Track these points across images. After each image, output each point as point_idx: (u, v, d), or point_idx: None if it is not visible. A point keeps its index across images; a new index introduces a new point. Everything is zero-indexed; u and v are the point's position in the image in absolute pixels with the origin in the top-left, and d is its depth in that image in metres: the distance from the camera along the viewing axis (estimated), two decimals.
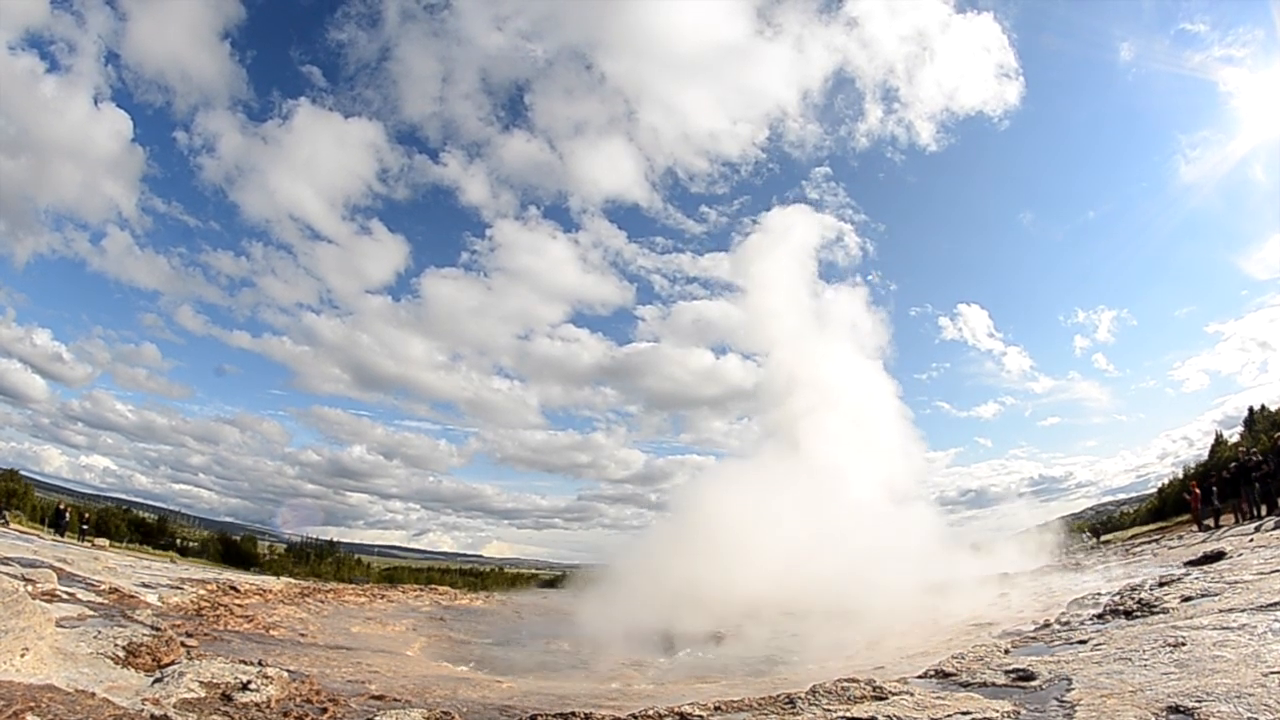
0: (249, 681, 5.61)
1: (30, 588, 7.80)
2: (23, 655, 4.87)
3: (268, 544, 48.18)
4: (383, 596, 20.37)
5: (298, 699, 5.50)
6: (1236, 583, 6.97)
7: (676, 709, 5.52)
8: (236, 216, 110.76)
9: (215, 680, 5.53)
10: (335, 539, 45.35)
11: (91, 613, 8.08)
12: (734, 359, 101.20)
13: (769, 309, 38.76)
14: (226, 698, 5.19)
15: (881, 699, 5.27)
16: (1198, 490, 20.25)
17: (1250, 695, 3.57)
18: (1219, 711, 3.44)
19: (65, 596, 8.72)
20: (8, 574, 8.41)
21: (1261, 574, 7.12)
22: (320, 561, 37.95)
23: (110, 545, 26.30)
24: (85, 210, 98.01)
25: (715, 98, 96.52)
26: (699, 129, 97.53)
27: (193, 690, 5.20)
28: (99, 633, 6.61)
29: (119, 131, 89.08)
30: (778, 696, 5.68)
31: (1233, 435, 35.50)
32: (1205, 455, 34.59)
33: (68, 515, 29.15)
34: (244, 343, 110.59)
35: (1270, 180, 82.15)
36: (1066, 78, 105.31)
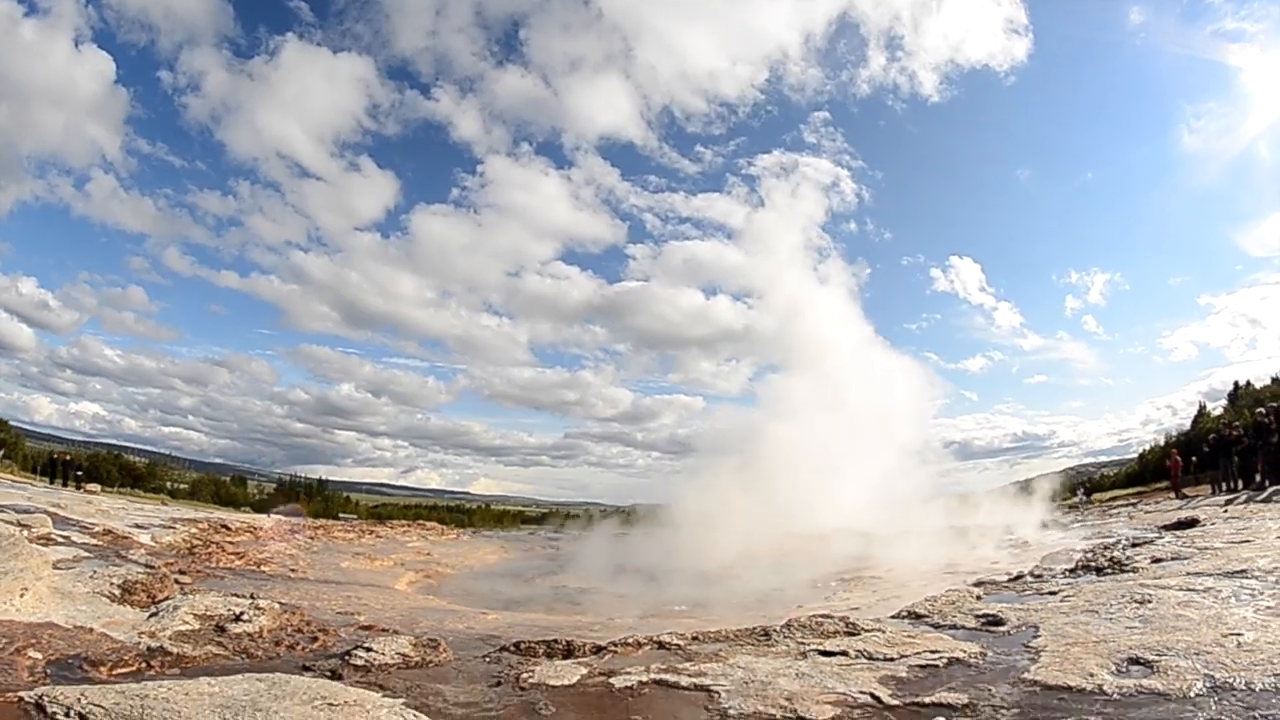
0: (242, 613, 5.85)
1: (26, 532, 8.01)
2: (22, 595, 5.05)
3: (257, 484, 48.70)
4: (371, 532, 20.78)
5: (289, 629, 5.78)
6: (1206, 549, 7.19)
7: (655, 638, 5.76)
8: (223, 156, 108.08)
9: (209, 613, 5.74)
10: (324, 477, 45.95)
11: (87, 554, 8.30)
12: (724, 300, 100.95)
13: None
14: (220, 629, 5.44)
15: (854, 634, 5.51)
16: (1179, 459, 20.67)
17: (1209, 653, 3.75)
18: (1177, 666, 3.62)
19: (60, 540, 8.94)
20: (3, 520, 8.59)
21: (1231, 543, 7.34)
22: (309, 500, 38.40)
23: (102, 491, 26.53)
24: (68, 155, 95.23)
25: (715, 37, 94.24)
26: (697, 68, 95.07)
27: (187, 623, 5.41)
28: (95, 572, 6.82)
29: (101, 73, 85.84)
30: (754, 629, 5.92)
31: (1216, 408, 36.05)
32: (1188, 425, 35.13)
33: (60, 463, 29.36)
34: (232, 283, 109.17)
35: (1275, 158, 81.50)
36: (1075, 37, 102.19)
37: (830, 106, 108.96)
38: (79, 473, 28.91)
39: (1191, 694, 3.27)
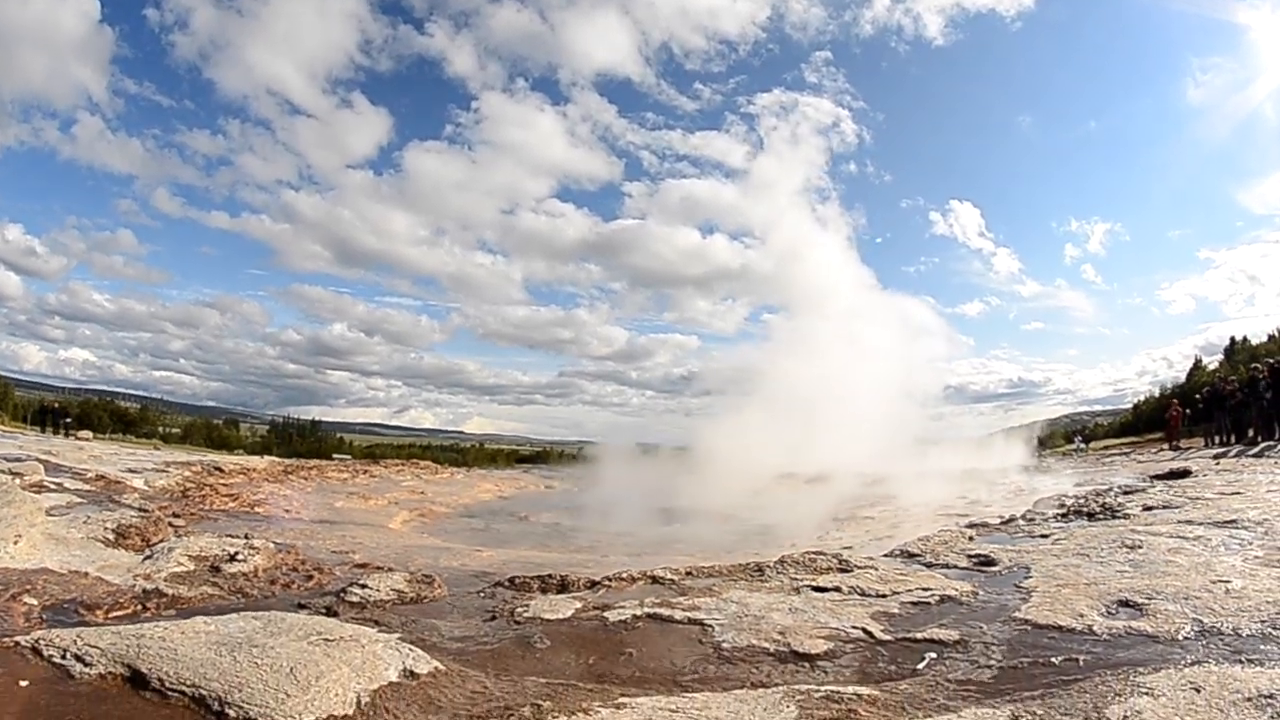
0: (236, 553, 5.87)
1: (18, 480, 8.01)
2: (15, 542, 5.05)
3: (250, 426, 48.80)
4: (365, 472, 20.89)
5: (284, 568, 5.83)
6: (1198, 499, 7.27)
7: (649, 573, 5.84)
8: (212, 94, 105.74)
9: (203, 554, 5.78)
10: (317, 418, 45.96)
11: (80, 500, 8.32)
12: (721, 239, 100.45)
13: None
14: (215, 569, 5.47)
15: (847, 571, 5.61)
16: (1178, 411, 20.77)
17: (1197, 598, 3.82)
18: (1166, 609, 3.69)
19: (53, 486, 8.95)
20: None
21: (1222, 493, 7.42)
22: (302, 441, 38.55)
23: (94, 437, 26.51)
24: (53, 97, 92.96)
25: None
26: (698, 4, 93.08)
27: (182, 564, 5.44)
28: (89, 518, 6.83)
29: (86, 13, 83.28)
30: (748, 565, 6.01)
31: (1212, 362, 36.15)
32: (1183, 378, 35.27)
33: (50, 412, 29.27)
34: (222, 223, 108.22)
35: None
36: None
37: (832, 46, 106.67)
38: (67, 420, 28.79)
39: (1179, 637, 3.33)
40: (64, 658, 2.89)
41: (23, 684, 2.65)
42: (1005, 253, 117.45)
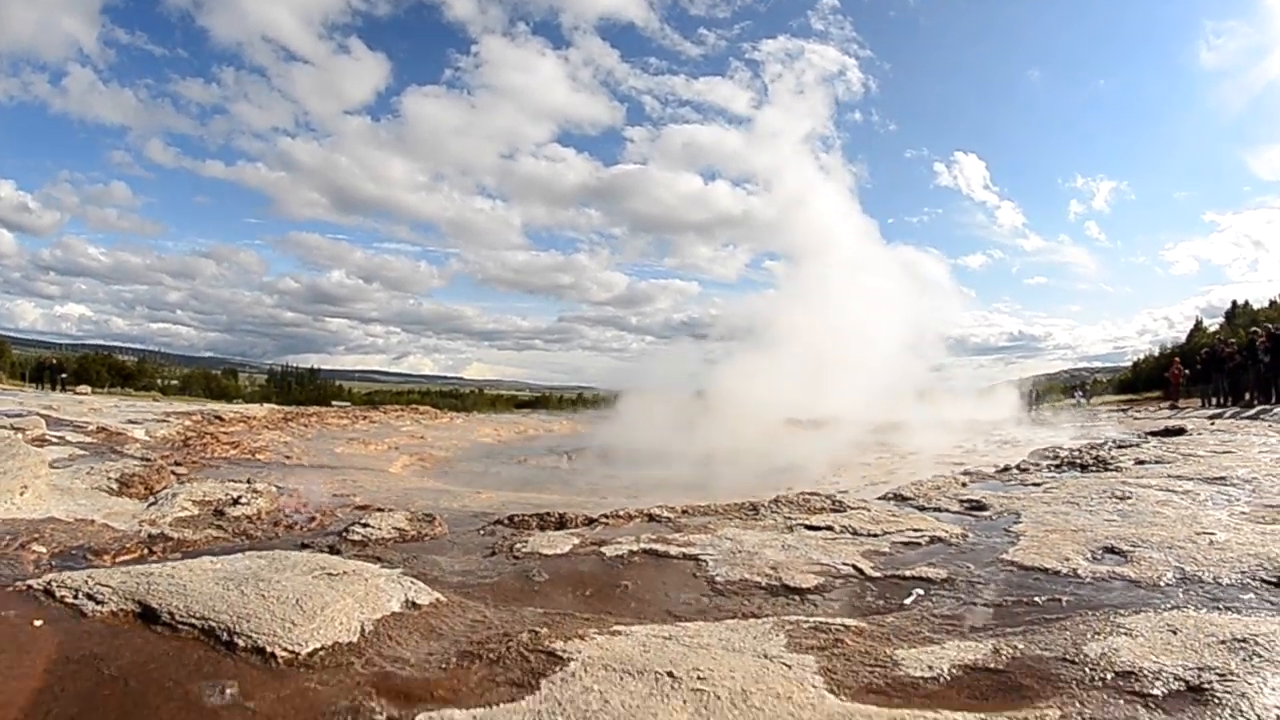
0: (239, 497, 5.99)
1: (20, 435, 8.10)
2: (22, 494, 5.13)
3: (248, 375, 48.86)
4: (364, 418, 21.06)
5: (286, 510, 5.90)
6: (1190, 456, 7.33)
7: (645, 511, 5.98)
8: (206, 42, 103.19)
9: (207, 499, 5.90)
10: (316, 367, 45.88)
11: (82, 452, 8.41)
12: (723, 185, 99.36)
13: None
14: (219, 513, 5.57)
15: (840, 511, 5.74)
16: (1179, 370, 20.74)
17: (1181, 548, 3.91)
18: (1149, 556, 3.79)
19: (55, 440, 9.03)
20: None
21: (1215, 452, 7.48)
22: (301, 390, 38.58)
23: (92, 392, 26.55)
24: (43, 50, 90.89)
25: None
26: None
27: (186, 509, 5.55)
28: (92, 468, 6.91)
29: None
30: (742, 504, 6.16)
31: (1213, 324, 36.04)
32: (1183, 338, 35.28)
33: (48, 368, 29.20)
34: (217, 172, 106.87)
35: None
36: None
37: None
38: (63, 376, 28.71)
39: (1161, 583, 3.41)
40: (76, 598, 2.97)
41: (37, 623, 2.73)
42: (1009, 206, 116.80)
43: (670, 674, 2.45)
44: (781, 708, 2.23)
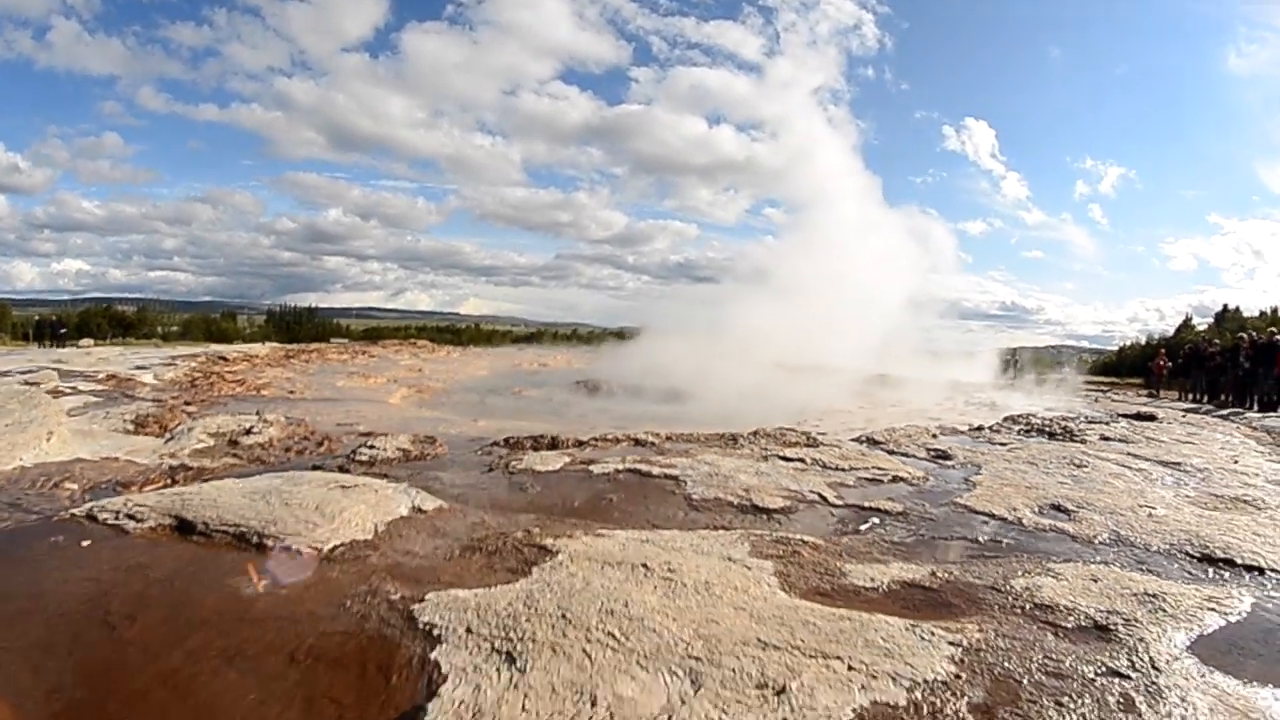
0: (251, 428, 6.35)
1: (36, 389, 8.40)
2: (48, 440, 5.40)
3: (248, 317, 48.90)
4: (364, 353, 21.35)
5: (296, 438, 6.30)
6: (1153, 440, 7.59)
7: (632, 435, 6.43)
8: None
9: (221, 430, 6.26)
10: (314, 305, 45.84)
11: (96, 399, 8.70)
12: (728, 130, 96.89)
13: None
14: (233, 443, 5.94)
15: (813, 446, 6.19)
16: (1163, 362, 20.75)
17: (1121, 515, 4.23)
18: (1091, 518, 4.14)
19: (69, 391, 9.28)
20: (12, 382, 9.02)
21: (1177, 440, 7.73)
22: (300, 328, 38.70)
23: (95, 344, 26.72)
24: (24, 5, 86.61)
25: None
26: None
27: (203, 441, 5.91)
28: (108, 413, 7.26)
29: None
30: (723, 434, 6.63)
31: (1202, 324, 35.41)
32: (1171, 332, 34.79)
33: (48, 325, 29.19)
34: (211, 115, 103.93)
35: None
36: None
37: None
38: (63, 331, 28.66)
39: (1096, 541, 3.77)
40: (117, 518, 3.31)
41: (85, 544, 3.03)
42: (1015, 178, 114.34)
43: (645, 565, 2.87)
44: (738, 598, 2.64)
